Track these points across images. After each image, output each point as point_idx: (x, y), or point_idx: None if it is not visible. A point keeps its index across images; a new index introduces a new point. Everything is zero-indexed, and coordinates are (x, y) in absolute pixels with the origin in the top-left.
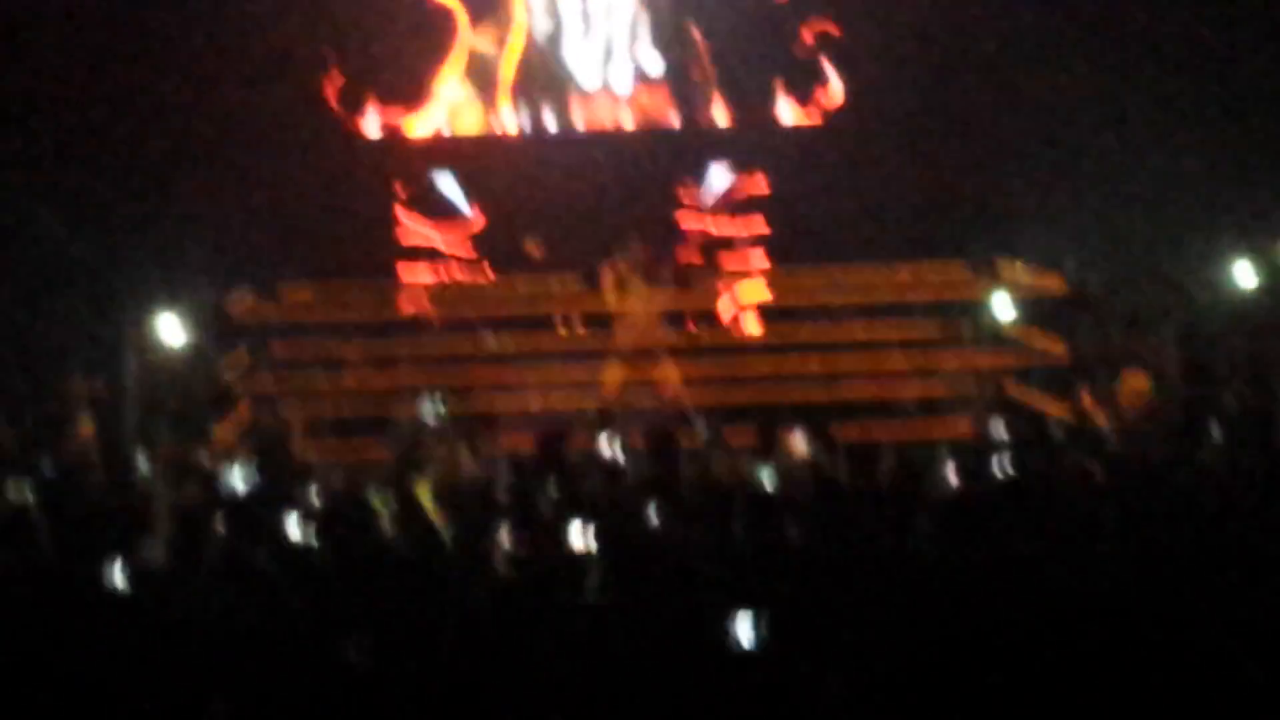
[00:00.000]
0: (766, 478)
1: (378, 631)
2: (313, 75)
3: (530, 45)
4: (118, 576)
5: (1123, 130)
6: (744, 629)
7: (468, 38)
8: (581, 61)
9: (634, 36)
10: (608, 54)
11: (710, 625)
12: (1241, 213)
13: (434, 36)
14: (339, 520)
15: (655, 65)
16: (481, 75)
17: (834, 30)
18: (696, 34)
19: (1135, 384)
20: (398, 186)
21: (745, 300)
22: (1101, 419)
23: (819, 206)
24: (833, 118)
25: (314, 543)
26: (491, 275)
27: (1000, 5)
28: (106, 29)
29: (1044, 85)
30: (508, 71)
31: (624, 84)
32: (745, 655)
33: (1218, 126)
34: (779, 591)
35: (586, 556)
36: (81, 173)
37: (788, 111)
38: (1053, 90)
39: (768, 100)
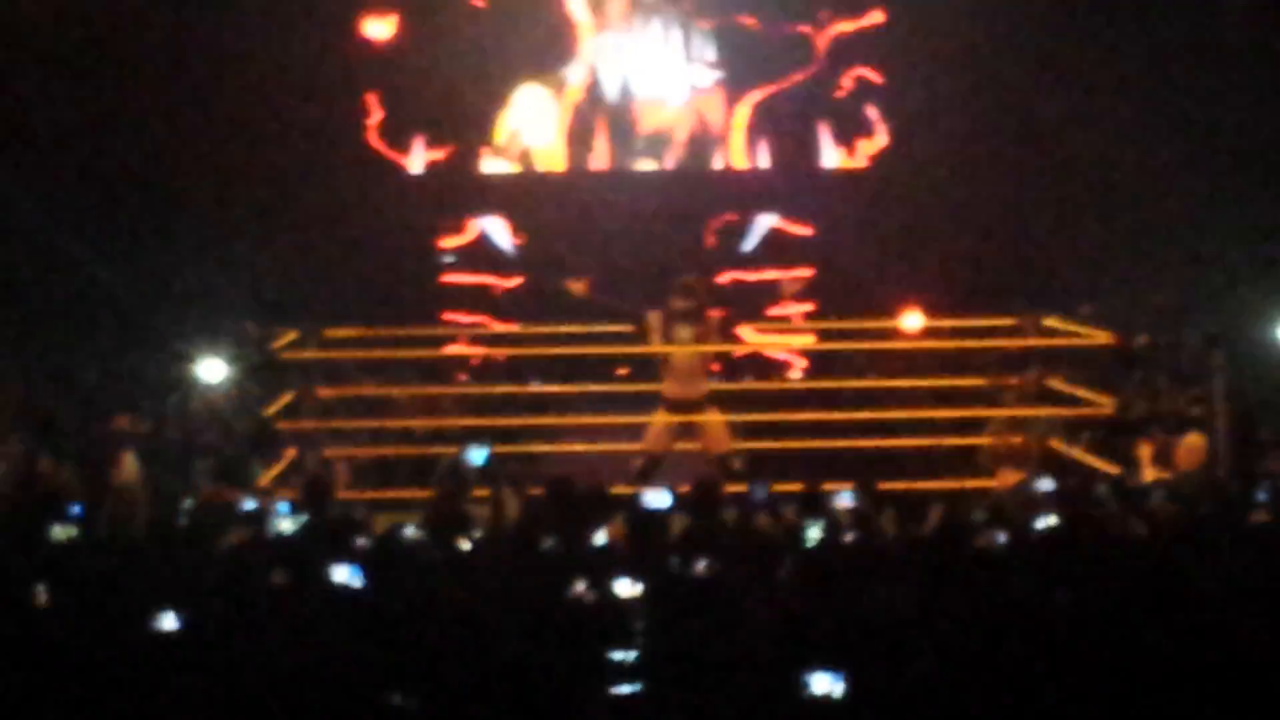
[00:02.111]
0: (812, 530)
1: (421, 677)
2: (360, 115)
3: (583, 87)
4: (161, 617)
5: (1176, 184)
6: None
7: (520, 77)
8: (630, 104)
9: (681, 80)
10: (656, 96)
11: (754, 677)
12: None
13: (485, 76)
14: (383, 564)
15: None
16: (533, 115)
17: (877, 75)
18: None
19: (1191, 442)
20: (444, 228)
21: (791, 349)
22: (1152, 475)
23: (865, 254)
24: (878, 163)
25: (358, 586)
26: (536, 319)
27: (1048, 53)
28: (157, 67)
29: (1093, 135)
30: (561, 114)
31: (671, 128)
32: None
33: (1269, 178)
34: (827, 645)
35: (631, 605)
36: (128, 213)
37: (832, 156)
38: (1102, 140)
39: (812, 145)
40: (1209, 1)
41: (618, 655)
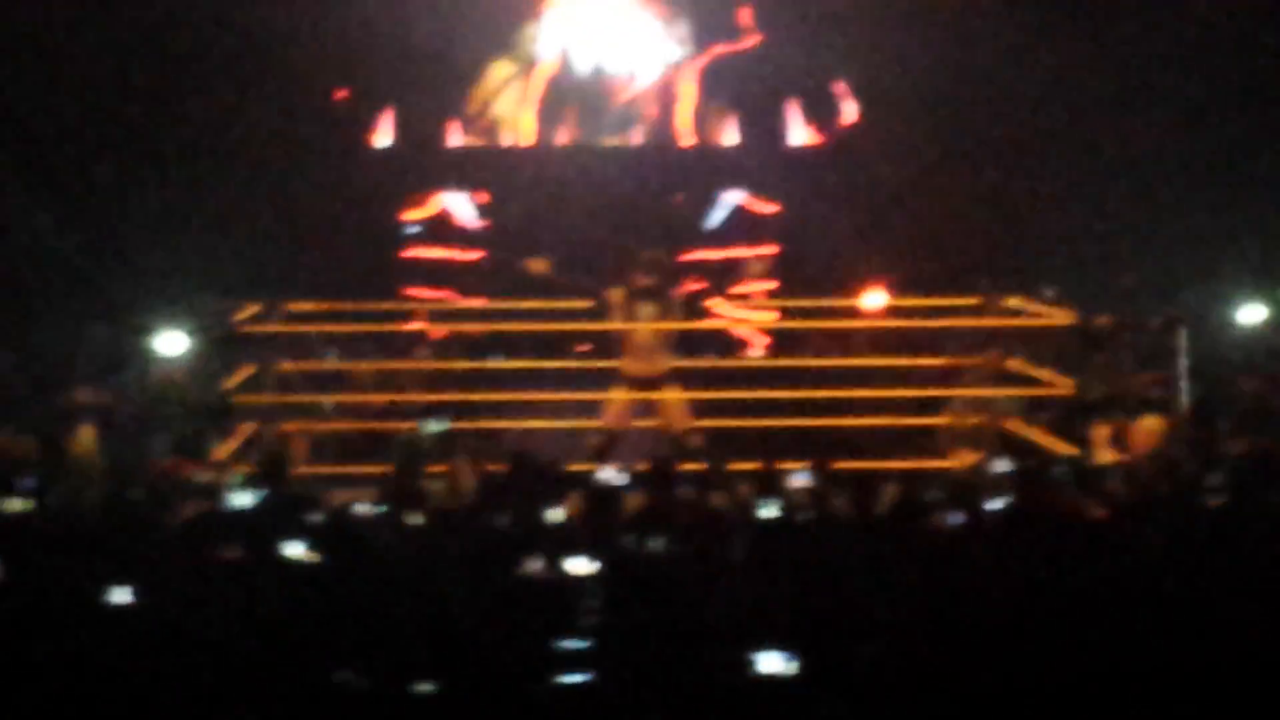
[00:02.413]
0: (767, 507)
1: (374, 654)
2: (324, 88)
3: (546, 64)
4: (115, 591)
5: (1141, 166)
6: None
7: (488, 52)
8: (596, 82)
9: (649, 57)
10: (623, 75)
11: (707, 655)
12: (1253, 251)
13: (449, 50)
14: (337, 540)
15: (669, 86)
16: (498, 92)
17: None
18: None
19: (1147, 425)
20: (406, 202)
21: (753, 326)
22: (1109, 456)
23: (829, 232)
24: (843, 142)
25: (314, 560)
26: (497, 294)
27: (1017, 33)
28: (115, 38)
29: (1059, 117)
30: (530, 89)
31: (639, 103)
32: (741, 685)
33: (1231, 163)
34: (777, 623)
35: (584, 581)
36: (89, 186)
37: (799, 134)
38: (1069, 122)
39: (780, 123)
40: None
41: (571, 632)
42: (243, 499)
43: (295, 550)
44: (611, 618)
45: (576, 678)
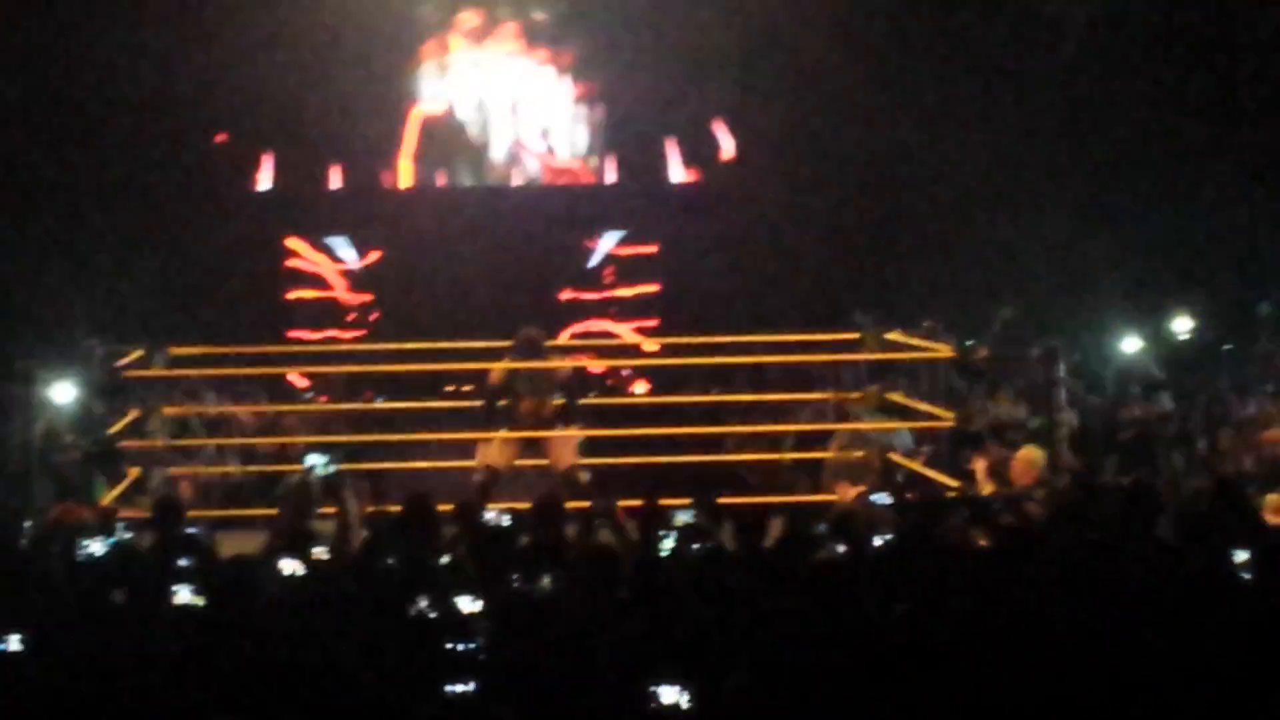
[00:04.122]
0: (665, 541)
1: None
2: (205, 132)
3: (430, 106)
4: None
5: (1018, 199)
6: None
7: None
8: (478, 123)
9: (531, 98)
10: (505, 114)
11: (598, 691)
12: (1130, 285)
13: (334, 93)
14: (225, 585)
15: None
16: (378, 133)
17: (726, 92)
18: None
19: (1026, 455)
20: (290, 245)
21: (634, 364)
22: (990, 487)
23: (710, 270)
24: (720, 180)
25: (201, 605)
26: (382, 337)
27: (893, 72)
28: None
29: (936, 152)
30: (407, 131)
31: (521, 145)
32: None
33: (1108, 194)
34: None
35: (472, 620)
36: None
37: (678, 171)
38: (946, 157)
39: (659, 160)
40: (1049, 22)
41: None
42: (132, 543)
43: (184, 595)
44: (501, 657)
45: (464, 717)
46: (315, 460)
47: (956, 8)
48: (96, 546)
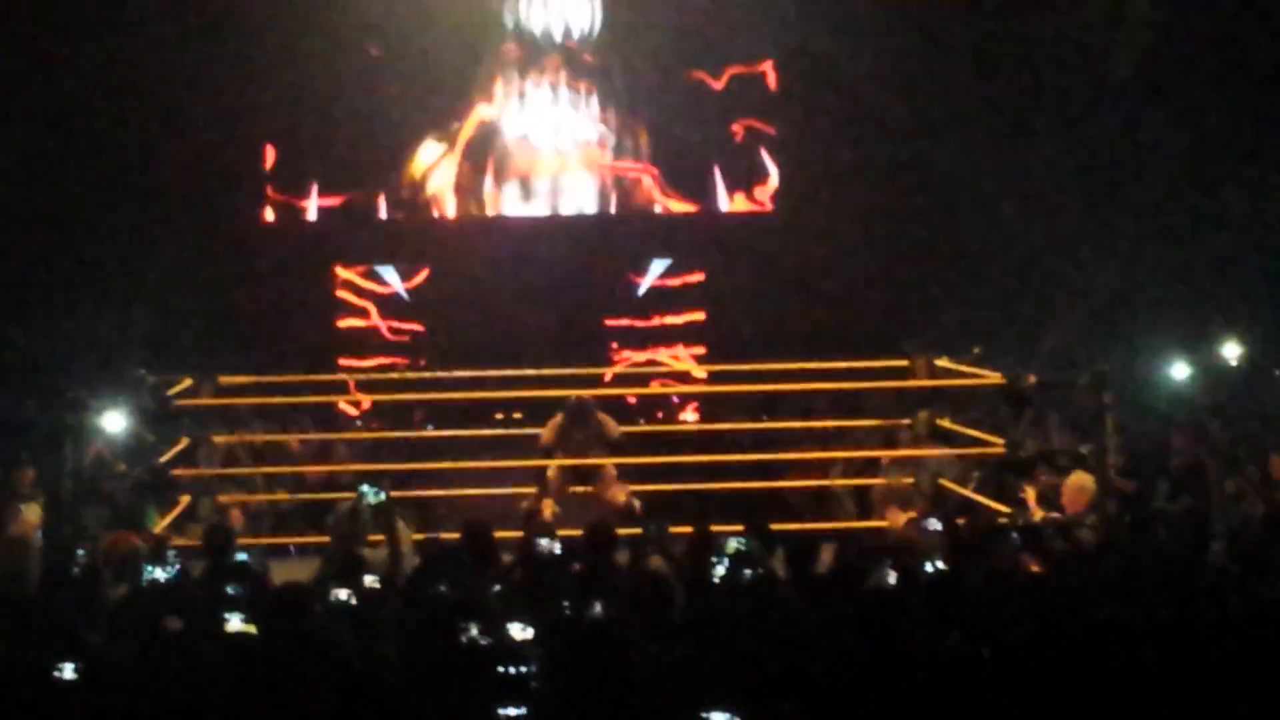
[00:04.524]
0: (707, 571)
1: None
2: (257, 162)
3: (478, 134)
4: (58, 668)
5: (1066, 226)
6: None
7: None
8: (527, 152)
9: (579, 127)
10: (553, 144)
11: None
12: (1178, 310)
13: (381, 126)
14: (278, 613)
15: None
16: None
17: (770, 123)
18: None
19: (1076, 482)
20: (338, 274)
21: (684, 392)
22: (1041, 514)
23: (758, 298)
24: (772, 208)
25: (254, 633)
26: (430, 364)
27: (939, 100)
28: (49, 116)
29: (983, 179)
30: (455, 160)
31: (569, 175)
32: None
33: (1155, 220)
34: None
35: (524, 648)
36: (22, 261)
37: (725, 202)
38: (993, 183)
39: (707, 191)
40: (1098, 53)
41: (513, 700)
42: (186, 571)
43: (237, 623)
44: (552, 684)
45: None
46: (366, 489)
47: (1004, 35)
48: (160, 574)
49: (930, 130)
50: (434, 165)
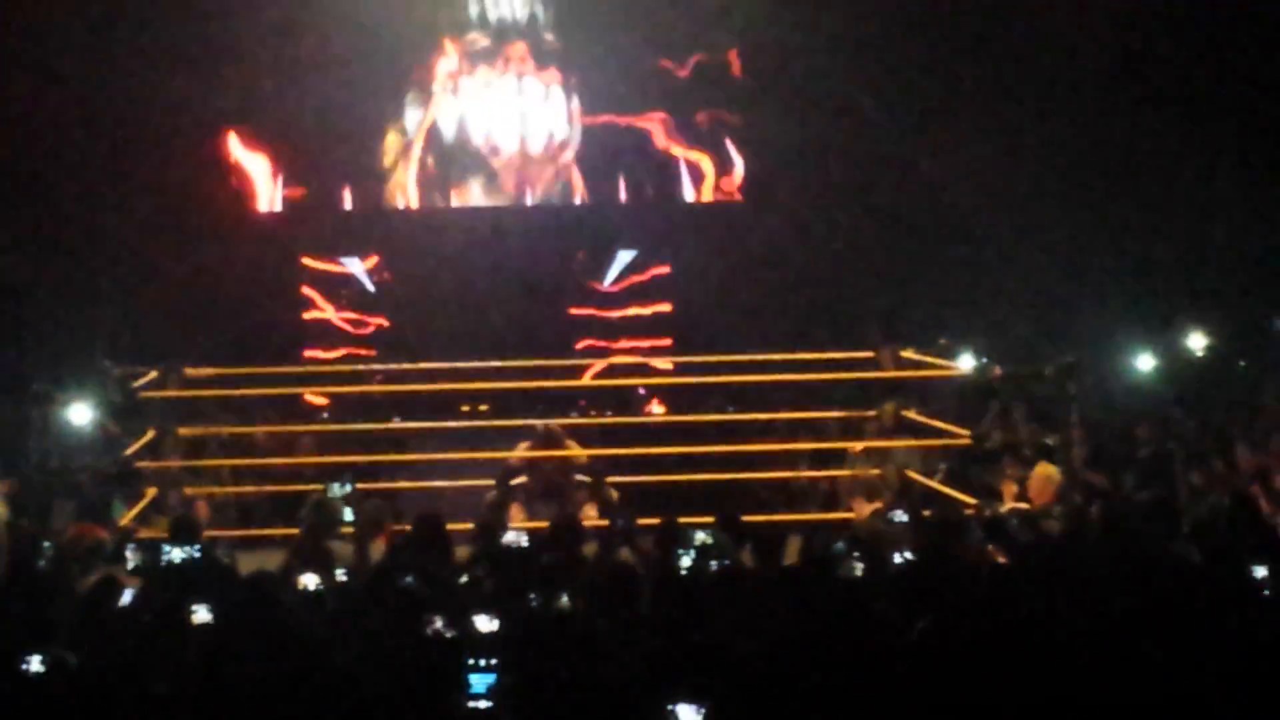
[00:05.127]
0: (684, 559)
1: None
2: (220, 155)
3: (439, 124)
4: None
5: (1032, 217)
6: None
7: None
8: (489, 142)
9: (541, 117)
10: (516, 134)
11: (615, 709)
12: (1143, 302)
13: (345, 114)
14: (245, 604)
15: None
16: (389, 154)
17: (735, 113)
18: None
19: (1042, 472)
20: (303, 266)
21: (650, 383)
22: (1008, 504)
23: (725, 289)
24: (734, 200)
25: (223, 623)
26: (396, 356)
27: (906, 91)
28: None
29: (949, 171)
30: (416, 150)
31: (531, 164)
32: None
33: (1122, 212)
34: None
35: (491, 638)
36: None
37: (690, 192)
38: (959, 175)
39: (672, 182)
40: (1062, 38)
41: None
42: (151, 562)
43: (204, 613)
44: (516, 676)
45: None
46: (334, 483)
47: (964, 25)
48: (115, 565)
49: (896, 120)
50: (398, 157)
